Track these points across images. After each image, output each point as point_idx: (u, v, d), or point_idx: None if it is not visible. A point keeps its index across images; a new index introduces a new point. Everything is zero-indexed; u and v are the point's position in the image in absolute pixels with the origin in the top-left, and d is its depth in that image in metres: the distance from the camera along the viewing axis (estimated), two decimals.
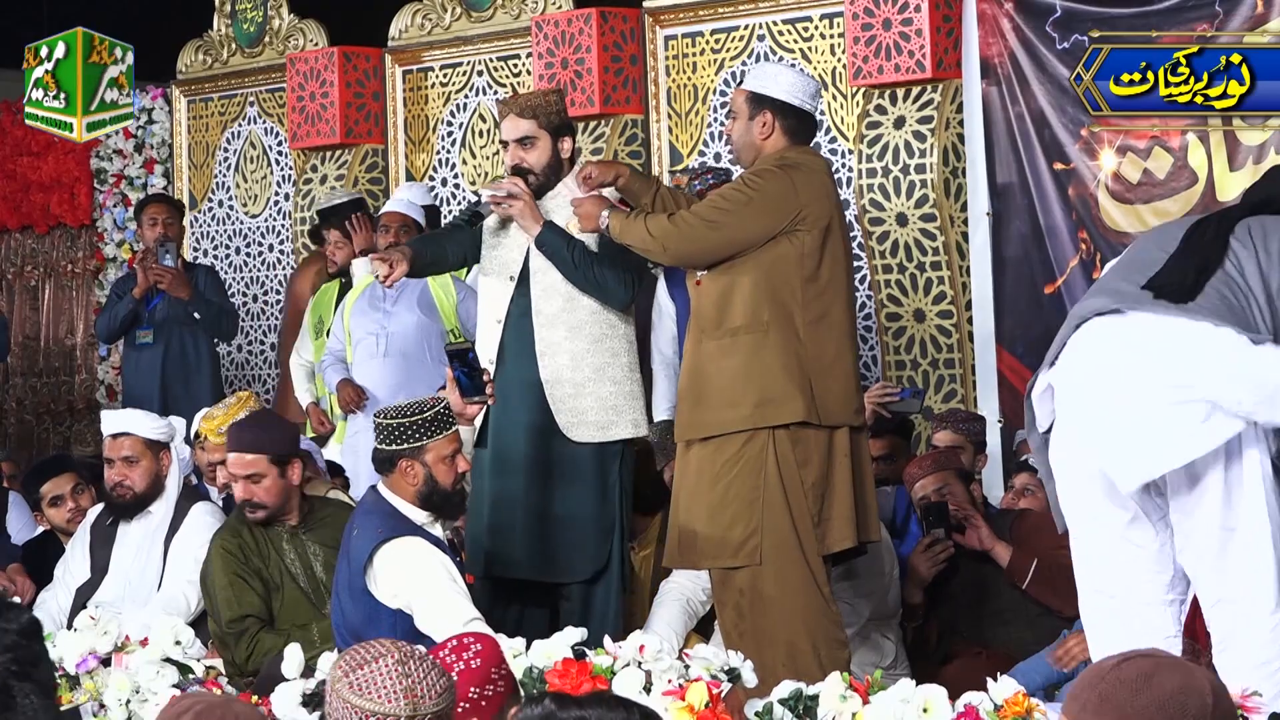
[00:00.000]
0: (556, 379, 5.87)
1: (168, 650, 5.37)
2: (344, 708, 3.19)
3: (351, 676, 3.21)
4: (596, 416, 5.88)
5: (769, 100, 5.54)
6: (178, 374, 8.81)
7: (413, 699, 3.19)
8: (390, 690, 3.19)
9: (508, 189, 5.86)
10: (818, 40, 8.12)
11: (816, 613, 5.37)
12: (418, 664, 3.23)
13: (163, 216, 9.00)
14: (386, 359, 7.90)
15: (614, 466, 5.94)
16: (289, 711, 5.02)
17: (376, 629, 5.15)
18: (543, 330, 5.89)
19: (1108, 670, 2.72)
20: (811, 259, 5.45)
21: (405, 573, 5.17)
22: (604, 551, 5.90)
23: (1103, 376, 4.52)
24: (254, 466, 5.74)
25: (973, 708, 4.45)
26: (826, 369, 5.44)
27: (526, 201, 5.85)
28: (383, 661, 3.22)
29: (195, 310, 8.79)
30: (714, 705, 4.60)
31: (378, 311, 7.98)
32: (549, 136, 5.92)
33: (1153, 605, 4.60)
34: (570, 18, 8.60)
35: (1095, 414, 4.53)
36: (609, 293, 5.90)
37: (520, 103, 5.99)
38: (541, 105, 5.96)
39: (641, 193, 5.84)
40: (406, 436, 5.26)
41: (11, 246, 11.27)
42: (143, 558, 6.26)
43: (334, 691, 3.21)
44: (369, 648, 3.27)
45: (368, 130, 9.43)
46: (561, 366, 5.87)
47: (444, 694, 3.24)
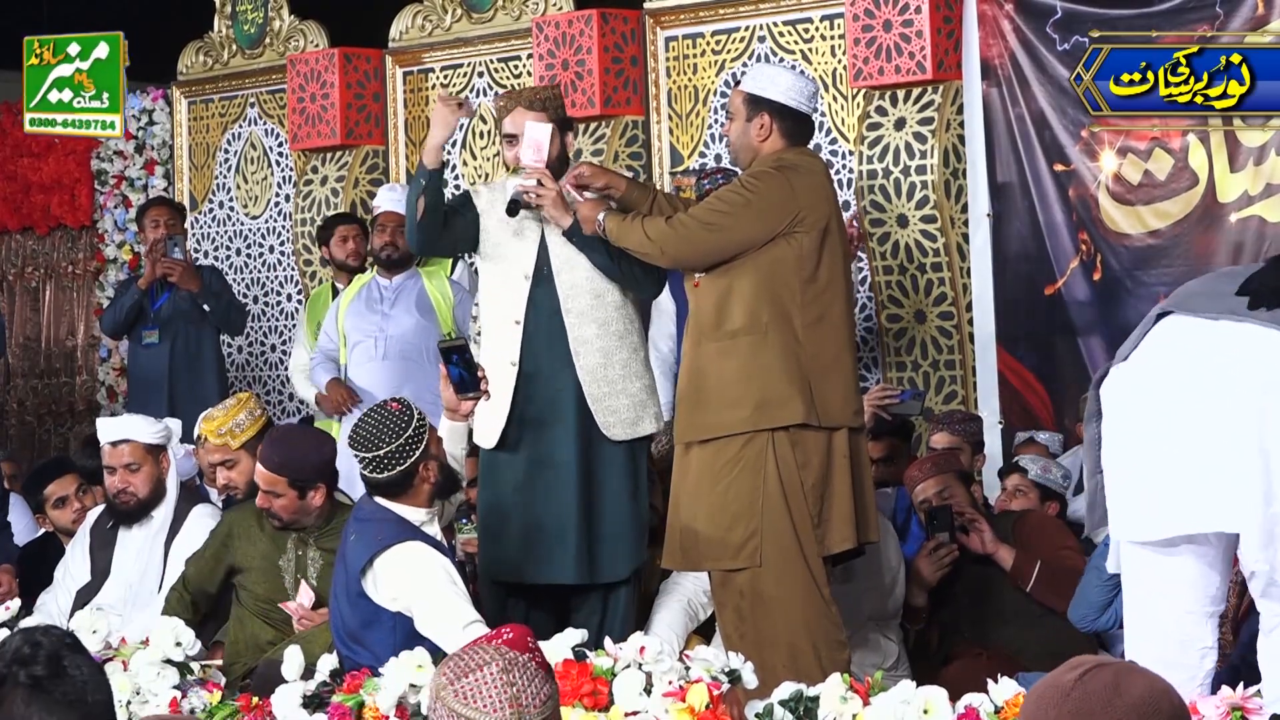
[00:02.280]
0: (593, 378, 5.76)
1: (168, 651, 5.37)
2: (450, 716, 3.19)
3: (457, 685, 3.20)
4: (628, 413, 5.80)
5: (767, 102, 5.53)
6: (183, 373, 8.81)
7: (518, 707, 3.18)
8: (496, 699, 3.18)
9: (538, 178, 5.72)
10: (818, 41, 8.12)
11: (817, 614, 5.37)
12: (521, 672, 3.23)
13: (164, 219, 9.00)
14: (385, 361, 7.90)
15: (642, 461, 5.92)
16: (289, 712, 5.02)
17: (376, 632, 5.14)
18: (575, 329, 5.77)
19: (1069, 686, 2.67)
20: (810, 260, 5.45)
21: (406, 577, 5.15)
22: (641, 548, 5.81)
23: (1175, 389, 4.45)
24: (274, 485, 5.73)
25: (973, 709, 4.45)
26: (826, 370, 5.44)
27: (558, 193, 5.73)
28: (487, 670, 3.21)
29: (205, 302, 8.79)
30: (714, 706, 4.60)
31: (375, 314, 7.98)
32: (556, 129, 5.83)
33: (1194, 614, 4.55)
34: (571, 19, 8.59)
35: (1155, 440, 4.46)
36: (641, 283, 5.83)
37: (529, 96, 5.89)
38: (550, 98, 5.88)
39: (639, 202, 5.82)
40: (410, 449, 5.25)
41: (12, 248, 11.27)
42: (144, 560, 6.26)
43: (439, 699, 3.21)
44: (472, 654, 3.26)
45: (368, 131, 9.42)
46: (596, 365, 5.76)
47: (548, 701, 3.23)
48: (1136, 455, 4.48)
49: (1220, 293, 4.54)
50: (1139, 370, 4.53)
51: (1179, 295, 4.61)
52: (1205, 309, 4.50)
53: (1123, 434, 4.53)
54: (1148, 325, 4.57)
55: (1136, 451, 4.48)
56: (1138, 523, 4.49)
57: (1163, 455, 4.44)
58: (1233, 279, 4.57)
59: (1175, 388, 4.45)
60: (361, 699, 4.88)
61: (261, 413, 6.32)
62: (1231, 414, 4.37)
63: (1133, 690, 2.64)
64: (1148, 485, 4.45)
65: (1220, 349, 4.44)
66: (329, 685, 5.06)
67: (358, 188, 9.34)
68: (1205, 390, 4.41)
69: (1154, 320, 4.57)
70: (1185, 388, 4.44)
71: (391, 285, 8.04)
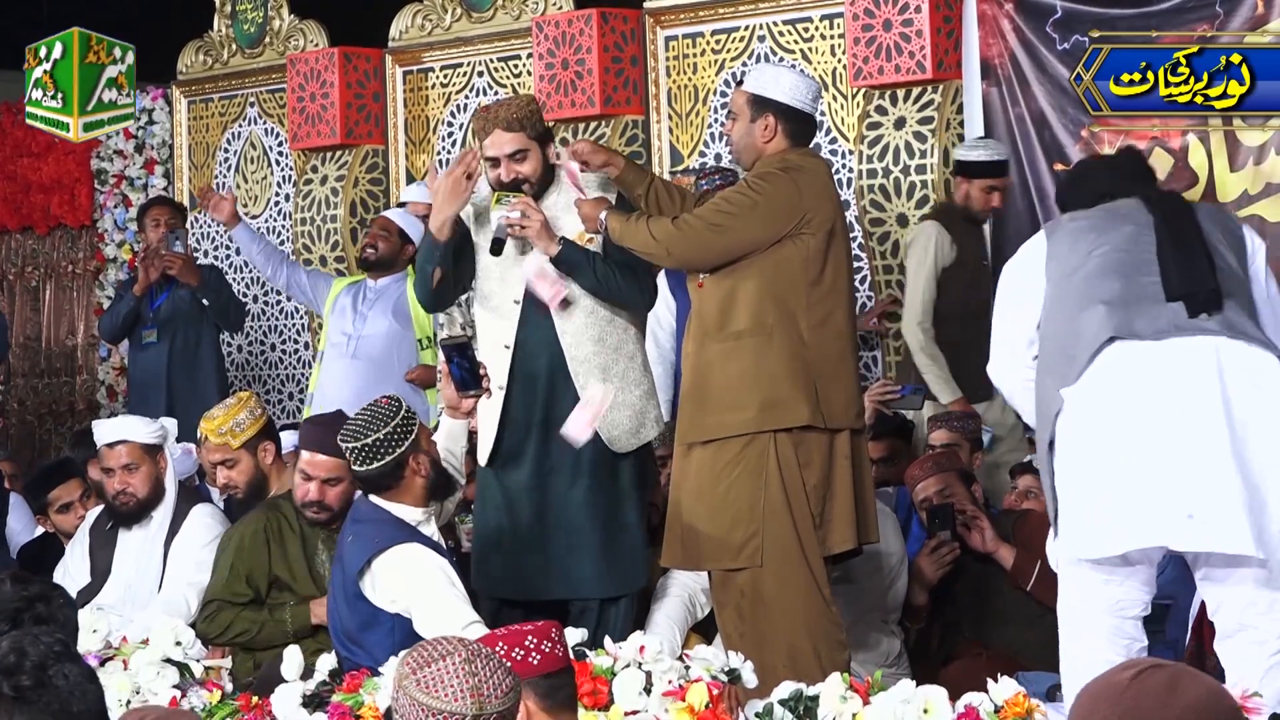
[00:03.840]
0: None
1: (168, 651, 5.37)
2: (411, 705, 3.21)
3: (419, 674, 3.23)
4: (630, 424, 5.76)
5: (771, 103, 5.51)
6: (182, 371, 8.81)
7: (479, 698, 3.21)
8: (457, 689, 3.21)
9: (521, 209, 5.66)
10: (818, 41, 8.12)
11: (817, 614, 5.37)
12: (484, 663, 3.25)
13: (165, 218, 9.00)
14: (354, 361, 7.90)
15: (648, 467, 5.90)
16: (289, 712, 5.03)
17: (374, 633, 5.14)
18: (572, 349, 5.72)
19: (1125, 684, 2.66)
20: (816, 262, 5.44)
21: (405, 578, 5.15)
22: (648, 559, 5.79)
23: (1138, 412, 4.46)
24: (335, 471, 5.68)
25: (973, 708, 4.45)
26: (830, 372, 5.43)
27: (543, 221, 5.66)
28: (450, 660, 3.24)
29: (204, 297, 8.79)
30: (714, 706, 4.61)
31: (354, 314, 7.99)
32: (537, 145, 5.74)
33: (1131, 620, 4.65)
34: (571, 18, 8.59)
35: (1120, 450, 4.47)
36: (633, 302, 5.78)
37: (504, 115, 5.73)
38: (526, 115, 5.74)
39: (636, 184, 5.79)
40: (398, 439, 5.23)
41: (12, 247, 11.27)
42: (143, 561, 6.26)
43: (401, 689, 3.23)
44: (436, 645, 3.29)
45: (368, 131, 9.42)
46: (596, 384, 5.69)
47: (509, 693, 3.26)
48: (1101, 474, 4.46)
49: (1147, 297, 4.51)
50: (1096, 399, 4.51)
51: (1113, 311, 4.54)
52: (1148, 330, 4.49)
53: (1082, 456, 4.52)
54: (1091, 347, 4.52)
55: (1100, 471, 4.47)
56: (1099, 539, 4.49)
57: (1130, 473, 4.42)
58: (1147, 269, 4.54)
59: (1137, 410, 4.44)
60: (361, 699, 4.88)
61: (262, 412, 6.31)
62: (1200, 429, 4.37)
63: (1189, 691, 2.63)
64: (1117, 502, 4.43)
65: (1176, 367, 4.45)
66: (329, 685, 5.07)
67: (357, 187, 9.34)
68: (1169, 408, 4.40)
69: (1096, 345, 4.52)
70: (1147, 408, 4.43)
71: (376, 288, 8.05)
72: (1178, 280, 4.53)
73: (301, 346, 9.82)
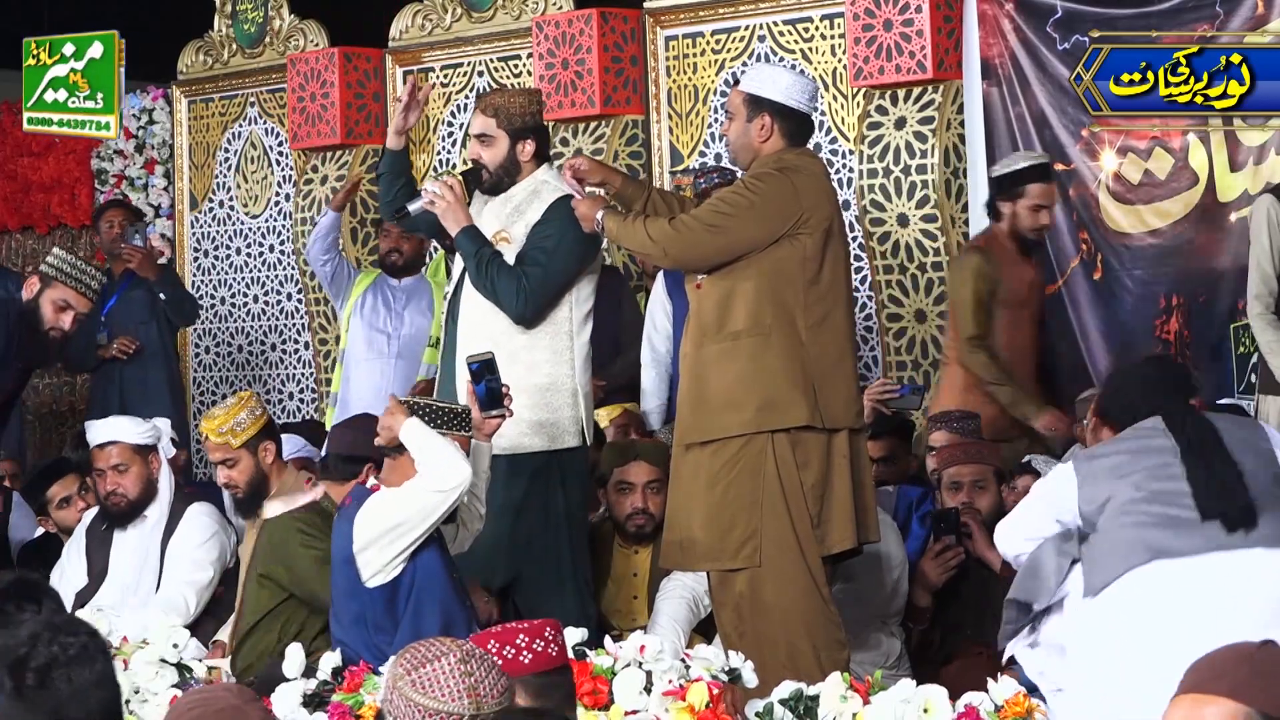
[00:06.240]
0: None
1: (166, 651, 5.37)
2: (406, 705, 3.20)
3: (414, 674, 3.21)
4: (509, 428, 5.69)
5: (767, 102, 5.51)
6: (134, 370, 8.89)
7: (475, 698, 3.20)
8: (454, 689, 3.20)
9: (438, 188, 5.88)
10: (818, 41, 8.12)
11: (816, 614, 5.37)
12: (479, 663, 3.24)
13: (119, 219, 9.16)
14: (399, 361, 7.98)
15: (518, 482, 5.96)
16: (289, 711, 5.02)
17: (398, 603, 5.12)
18: (465, 345, 5.83)
19: (1252, 649, 2.78)
20: (813, 262, 5.43)
21: (377, 512, 5.14)
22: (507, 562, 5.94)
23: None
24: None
25: (973, 708, 4.46)
26: (829, 372, 5.43)
27: (451, 202, 5.86)
28: (445, 660, 3.23)
29: (161, 291, 8.91)
30: (714, 706, 4.61)
31: (389, 313, 8.04)
32: (507, 137, 5.93)
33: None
34: (571, 18, 8.59)
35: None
36: (501, 302, 5.86)
37: (487, 100, 6.02)
38: (505, 105, 5.96)
39: (634, 198, 5.82)
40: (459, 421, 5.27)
41: (12, 247, 11.26)
42: (140, 561, 6.26)
43: (395, 689, 3.22)
44: (429, 646, 3.28)
45: (368, 131, 9.42)
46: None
47: (505, 694, 3.25)
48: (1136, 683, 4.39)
49: (1184, 522, 4.51)
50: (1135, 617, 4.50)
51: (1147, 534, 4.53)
52: (1184, 548, 4.49)
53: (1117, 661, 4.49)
54: (1118, 569, 4.53)
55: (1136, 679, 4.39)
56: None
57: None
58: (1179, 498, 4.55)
59: (1180, 628, 4.40)
60: (361, 698, 4.88)
61: (262, 412, 6.32)
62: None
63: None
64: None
65: (1219, 583, 4.45)
66: (329, 684, 5.06)
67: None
68: (1213, 624, 4.33)
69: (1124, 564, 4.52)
70: (1192, 625, 4.38)
71: (401, 287, 8.18)
72: (1209, 500, 4.53)
73: (302, 346, 9.82)
